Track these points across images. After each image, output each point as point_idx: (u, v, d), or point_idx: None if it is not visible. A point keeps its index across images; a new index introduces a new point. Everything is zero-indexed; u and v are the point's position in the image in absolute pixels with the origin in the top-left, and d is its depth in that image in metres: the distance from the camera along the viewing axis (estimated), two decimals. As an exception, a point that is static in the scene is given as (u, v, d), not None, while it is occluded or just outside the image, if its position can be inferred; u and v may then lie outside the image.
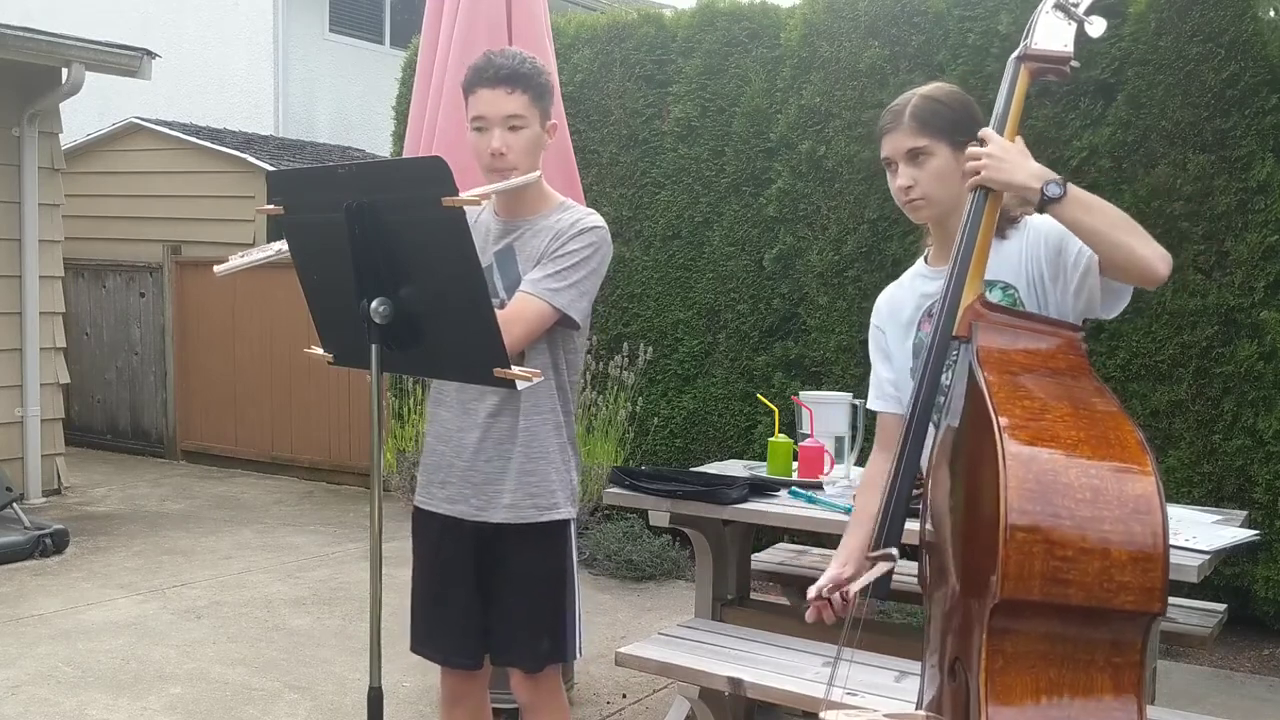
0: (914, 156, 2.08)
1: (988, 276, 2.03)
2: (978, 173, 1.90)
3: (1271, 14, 4.72)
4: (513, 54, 2.43)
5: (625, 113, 6.37)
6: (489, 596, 2.54)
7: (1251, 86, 4.66)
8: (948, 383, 1.91)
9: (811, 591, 2.04)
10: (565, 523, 2.53)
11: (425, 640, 2.62)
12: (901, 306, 2.26)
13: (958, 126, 2.05)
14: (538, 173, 2.43)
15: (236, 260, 2.36)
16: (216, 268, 2.38)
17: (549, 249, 2.41)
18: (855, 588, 1.97)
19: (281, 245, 2.35)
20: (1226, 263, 4.75)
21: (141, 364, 9.13)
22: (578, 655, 2.61)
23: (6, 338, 7.14)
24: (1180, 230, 4.76)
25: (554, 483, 2.50)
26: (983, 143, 1.93)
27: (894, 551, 1.90)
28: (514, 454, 2.47)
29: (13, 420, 7.18)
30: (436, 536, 2.58)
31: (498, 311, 2.22)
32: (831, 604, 2.03)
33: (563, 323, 2.42)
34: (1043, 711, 1.58)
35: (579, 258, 2.40)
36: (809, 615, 2.04)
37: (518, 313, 2.35)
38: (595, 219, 2.47)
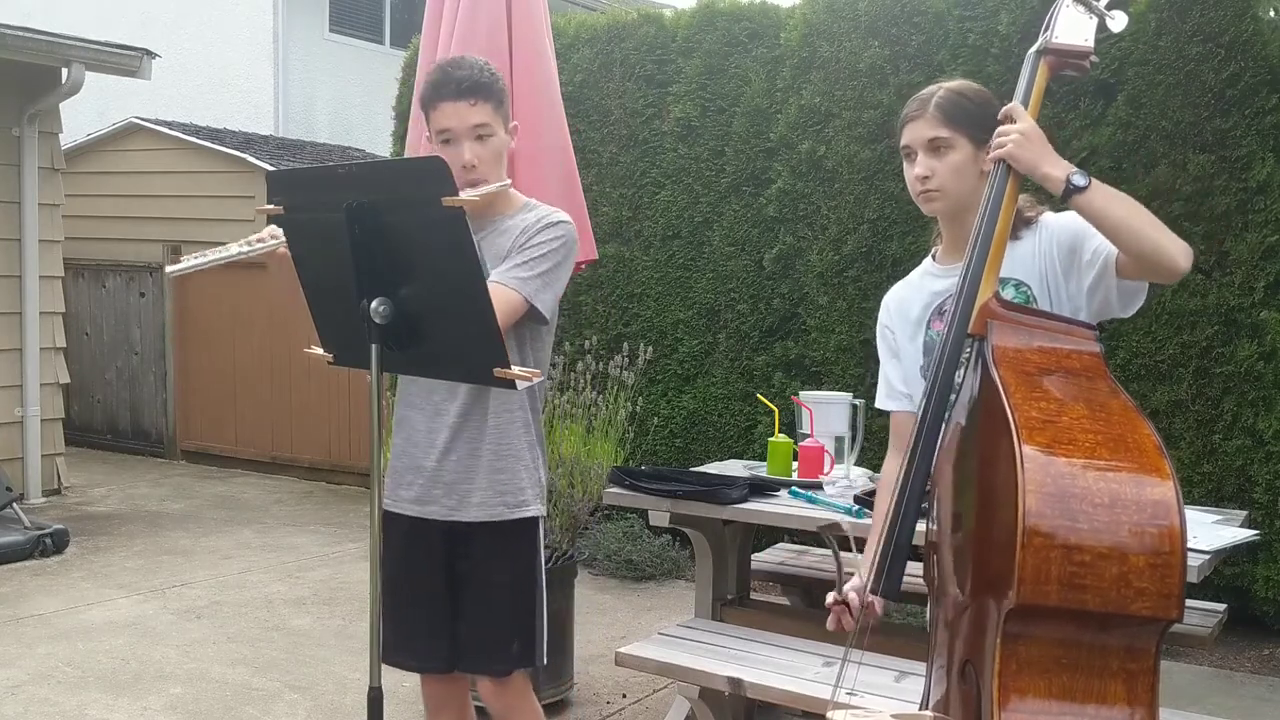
0: (935, 147, 2.08)
1: (1001, 274, 2.03)
2: (1004, 147, 1.88)
3: (1271, 14, 4.72)
4: (469, 63, 2.45)
5: (625, 113, 6.36)
6: (458, 600, 2.53)
7: (1251, 86, 4.66)
8: (960, 380, 1.89)
9: (830, 597, 2.02)
10: (535, 521, 2.54)
11: (398, 648, 2.57)
12: (910, 304, 2.25)
13: (981, 123, 2.04)
14: (508, 181, 2.47)
15: (191, 260, 2.25)
16: (168, 268, 2.27)
17: (517, 244, 2.44)
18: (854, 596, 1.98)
19: (241, 248, 2.26)
20: (1226, 263, 4.75)
21: (141, 364, 9.13)
22: (543, 661, 2.58)
23: (6, 338, 7.14)
24: (1180, 230, 4.64)
25: (523, 480, 2.51)
26: (1010, 120, 1.91)
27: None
28: (483, 452, 2.48)
29: (13, 420, 7.18)
30: (403, 539, 2.56)
31: None
32: (850, 609, 2.01)
33: (530, 315, 2.43)
34: (1055, 718, 1.56)
35: (546, 249, 2.43)
36: (830, 624, 2.03)
37: None
38: (561, 215, 2.51)
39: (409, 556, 2.56)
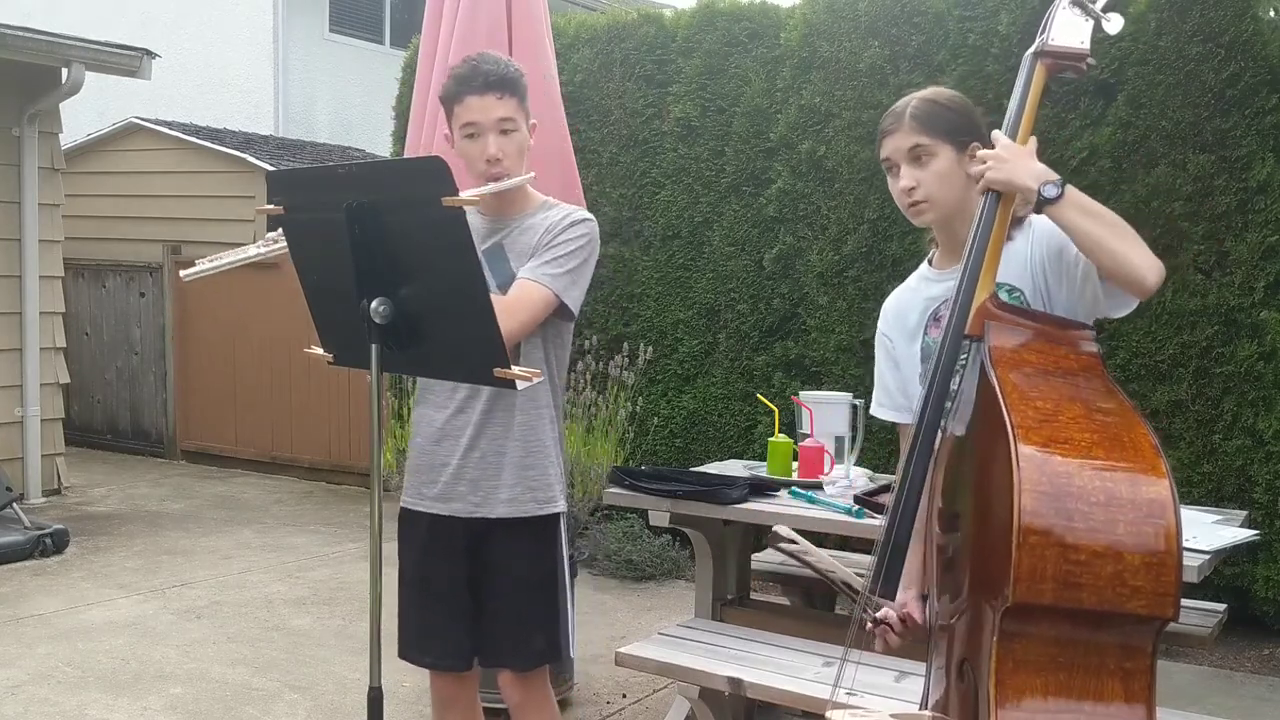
0: (916, 157, 2.07)
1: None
2: (983, 175, 1.89)
3: (1271, 14, 4.72)
4: (495, 59, 2.47)
5: (625, 113, 6.36)
6: (481, 596, 2.54)
7: (1251, 86, 4.66)
8: (958, 381, 1.89)
9: (870, 620, 2.07)
10: (558, 516, 2.55)
11: (413, 644, 2.61)
12: (908, 311, 2.25)
13: (958, 128, 2.04)
14: (532, 174, 2.47)
15: (204, 265, 2.31)
16: (183, 272, 2.33)
17: (542, 241, 2.44)
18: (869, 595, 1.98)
19: (258, 248, 2.33)
20: (1226, 263, 4.75)
21: (141, 364, 9.13)
22: (572, 655, 2.61)
23: (6, 338, 7.14)
24: (1180, 230, 4.76)
25: (551, 476, 2.52)
26: (993, 145, 1.91)
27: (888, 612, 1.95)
28: (509, 449, 2.48)
29: (13, 420, 7.18)
30: (424, 537, 2.57)
31: (501, 298, 2.26)
32: (892, 627, 2.04)
33: (559, 312, 2.44)
34: (1052, 717, 1.56)
35: (573, 247, 2.44)
36: (877, 646, 2.07)
37: (520, 299, 2.38)
38: (584, 213, 2.52)
39: (429, 554, 2.57)
